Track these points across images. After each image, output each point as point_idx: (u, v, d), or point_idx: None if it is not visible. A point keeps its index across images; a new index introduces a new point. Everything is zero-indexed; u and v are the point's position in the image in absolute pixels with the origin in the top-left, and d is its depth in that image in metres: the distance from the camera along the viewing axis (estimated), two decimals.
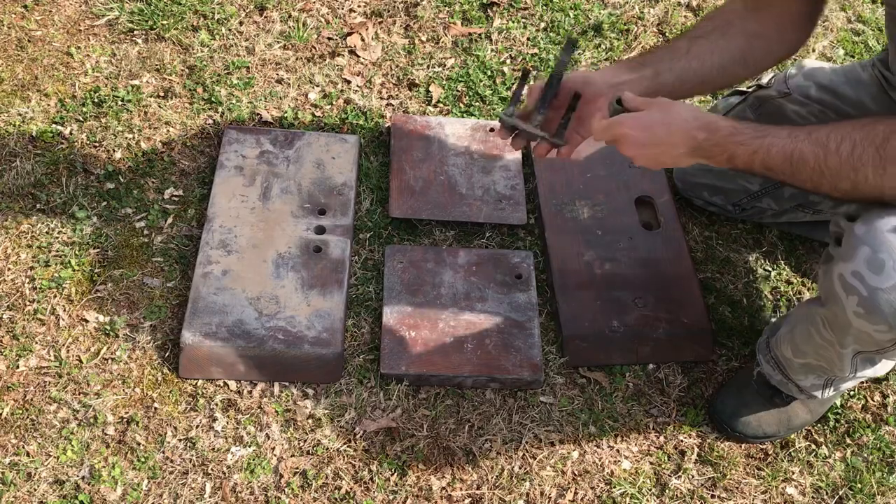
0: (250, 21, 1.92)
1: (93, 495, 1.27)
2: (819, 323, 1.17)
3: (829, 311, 1.12)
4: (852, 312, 1.05)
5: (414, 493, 1.30)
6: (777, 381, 1.34)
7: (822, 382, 1.29)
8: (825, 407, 1.40)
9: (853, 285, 1.03)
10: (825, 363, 1.23)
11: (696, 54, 1.24)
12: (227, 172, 1.59)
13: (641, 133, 1.10)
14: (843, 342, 1.14)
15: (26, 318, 1.43)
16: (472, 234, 1.60)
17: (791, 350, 1.27)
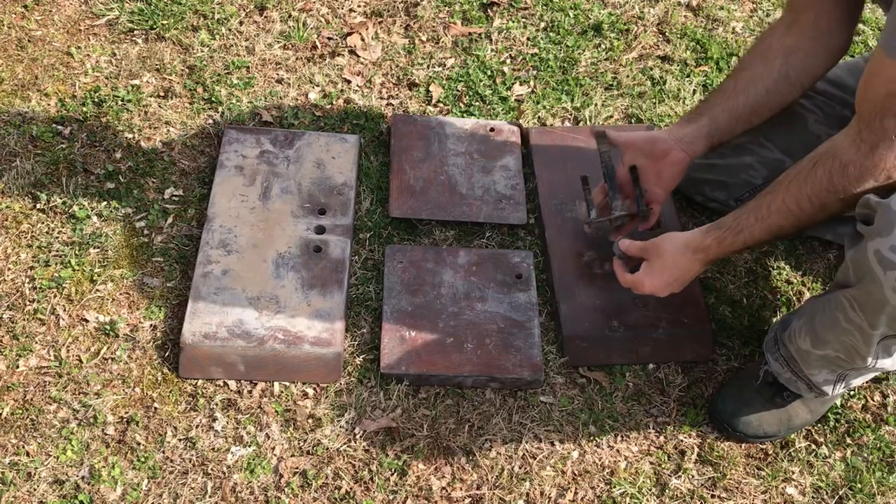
0: (250, 21, 1.92)
1: (93, 495, 1.27)
2: (847, 306, 1.14)
3: (860, 291, 1.10)
4: (891, 289, 1.03)
5: (414, 493, 1.30)
6: (785, 379, 1.34)
7: (834, 378, 1.28)
8: (826, 407, 1.39)
9: (890, 259, 1.02)
10: (845, 353, 1.21)
11: (742, 88, 1.37)
12: (227, 172, 1.59)
13: (661, 279, 1.32)
14: (875, 323, 1.11)
15: (26, 318, 1.43)
16: (472, 234, 1.60)
17: (811, 341, 1.25)
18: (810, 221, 1.18)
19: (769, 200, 1.20)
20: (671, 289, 1.33)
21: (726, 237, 1.24)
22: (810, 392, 1.33)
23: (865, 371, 1.26)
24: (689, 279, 1.32)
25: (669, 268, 1.31)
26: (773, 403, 1.37)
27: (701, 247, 1.27)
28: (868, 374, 1.29)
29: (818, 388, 1.31)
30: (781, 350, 1.33)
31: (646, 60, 1.93)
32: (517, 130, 1.74)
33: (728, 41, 1.97)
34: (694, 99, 1.85)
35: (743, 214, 1.23)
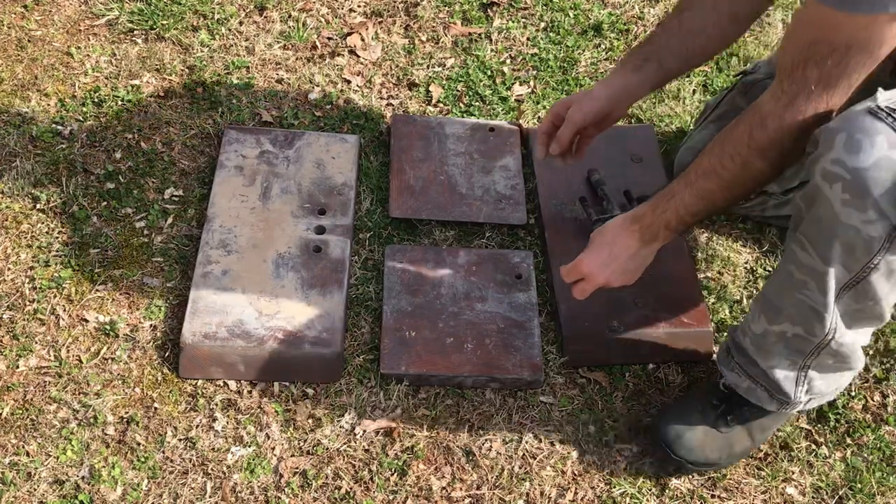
0: (250, 21, 1.92)
1: (93, 495, 1.27)
2: (797, 251, 1.09)
3: (809, 221, 1.05)
4: (840, 202, 0.99)
5: (414, 493, 1.30)
6: (744, 389, 1.28)
7: (795, 372, 1.23)
8: (766, 434, 1.35)
9: (835, 172, 0.98)
10: (802, 320, 1.15)
11: (689, 29, 1.31)
12: (227, 172, 1.59)
13: (598, 257, 1.25)
14: (828, 256, 1.05)
15: (26, 318, 1.43)
16: (472, 234, 1.60)
17: (765, 317, 1.20)
18: (738, 185, 1.13)
19: (697, 163, 1.16)
20: (611, 269, 1.25)
21: (660, 203, 1.19)
22: (771, 400, 1.27)
23: (825, 353, 1.18)
24: (631, 257, 1.24)
25: (608, 243, 1.24)
26: (716, 429, 1.32)
27: (637, 215, 1.22)
28: (831, 372, 1.23)
29: (780, 391, 1.25)
30: (736, 357, 1.28)
31: None
32: (517, 130, 1.74)
33: None
34: (694, 99, 1.85)
35: (676, 181, 1.19)
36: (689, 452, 1.31)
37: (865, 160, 0.96)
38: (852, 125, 0.97)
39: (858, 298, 1.10)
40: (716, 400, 1.33)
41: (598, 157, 1.66)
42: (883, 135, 0.95)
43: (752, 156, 1.10)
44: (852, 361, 1.20)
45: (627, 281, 1.28)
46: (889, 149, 0.95)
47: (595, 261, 1.25)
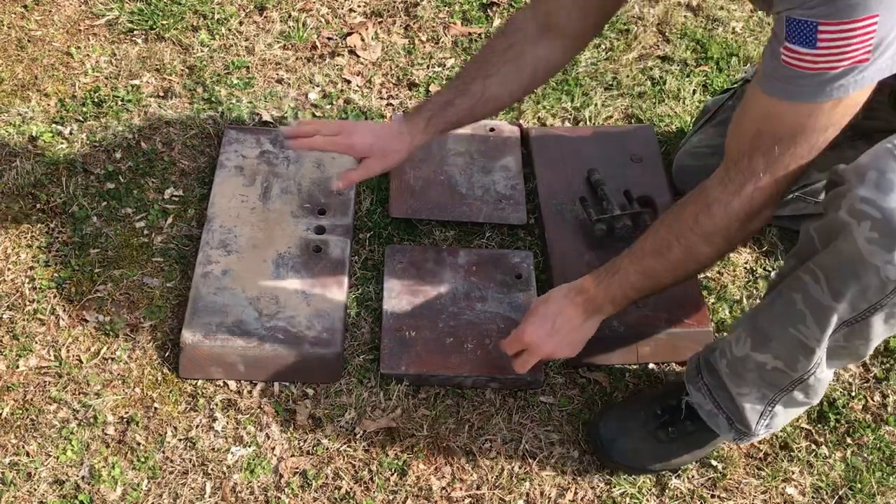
0: (250, 21, 1.92)
1: (93, 495, 1.27)
2: (808, 282, 1.05)
3: (828, 254, 1.01)
4: (864, 240, 0.95)
5: (414, 493, 1.30)
6: (706, 412, 1.27)
7: (763, 406, 1.21)
8: (706, 451, 1.33)
9: (864, 210, 0.95)
10: (788, 355, 1.12)
11: (491, 96, 1.34)
12: (227, 172, 1.59)
13: (542, 328, 1.24)
14: (842, 291, 1.01)
15: (26, 318, 1.43)
16: (472, 234, 1.60)
17: (752, 342, 1.15)
18: (683, 267, 1.14)
19: (643, 241, 1.17)
20: (555, 341, 1.25)
21: (603, 277, 1.21)
22: (730, 430, 1.26)
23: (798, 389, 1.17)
24: (576, 329, 1.25)
25: (551, 314, 1.24)
26: (654, 437, 1.31)
27: (581, 287, 1.23)
28: (795, 407, 1.22)
29: (741, 422, 1.23)
30: (705, 377, 1.26)
31: (646, 60, 1.93)
32: (517, 130, 1.74)
33: (728, 41, 1.97)
34: (694, 99, 1.85)
35: (622, 256, 1.20)
36: (622, 456, 1.31)
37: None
38: (884, 164, 0.96)
39: (851, 337, 1.08)
40: (659, 410, 1.32)
41: (598, 157, 1.66)
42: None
43: (698, 240, 1.11)
44: (816, 396, 1.20)
45: (571, 353, 1.29)
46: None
47: (538, 332, 1.25)
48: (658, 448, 1.31)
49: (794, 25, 0.92)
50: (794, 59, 0.94)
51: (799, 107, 0.98)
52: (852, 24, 0.89)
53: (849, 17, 0.88)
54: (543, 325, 1.25)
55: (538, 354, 1.27)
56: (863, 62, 0.92)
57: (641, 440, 1.31)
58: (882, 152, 0.97)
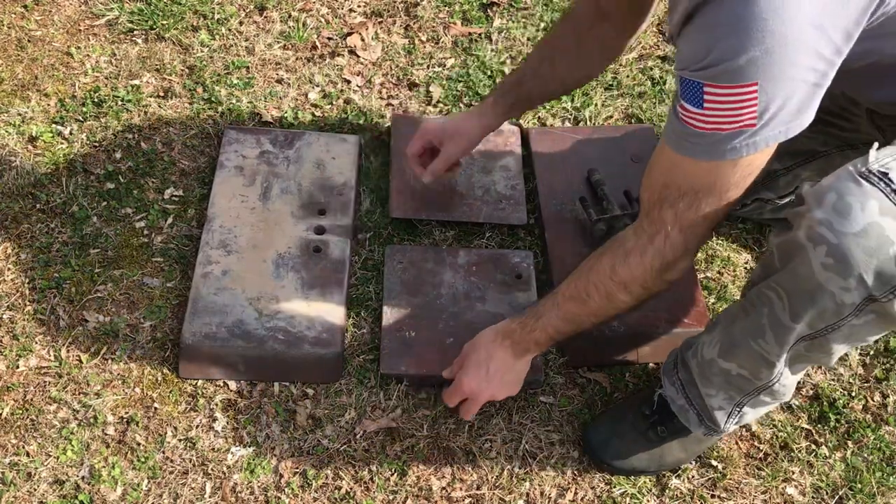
0: (250, 21, 1.92)
1: (93, 495, 1.27)
2: (773, 299, 1.05)
3: (787, 274, 1.02)
4: (819, 265, 0.96)
5: (414, 493, 1.30)
6: (678, 407, 1.28)
7: (730, 407, 1.22)
8: (702, 446, 1.34)
9: (820, 234, 0.94)
10: (751, 365, 1.14)
11: (560, 77, 1.42)
12: (227, 172, 1.59)
13: (477, 376, 1.27)
14: (800, 312, 1.02)
15: (26, 318, 1.43)
16: (472, 234, 1.60)
17: (720, 348, 1.17)
18: (603, 313, 1.17)
19: (565, 287, 1.19)
20: (493, 386, 1.28)
21: (528, 321, 1.23)
22: (700, 426, 1.27)
23: (765, 393, 1.19)
24: (511, 369, 1.27)
25: (483, 360, 1.27)
26: (645, 438, 1.31)
27: (507, 331, 1.26)
28: (763, 406, 1.23)
29: (710, 420, 1.25)
30: (680, 373, 1.27)
31: (646, 60, 1.93)
32: (517, 130, 1.74)
33: None
34: None
35: (545, 300, 1.23)
36: (616, 459, 1.32)
37: (854, 226, 0.93)
38: (843, 186, 0.94)
39: (811, 349, 1.09)
40: (647, 410, 1.33)
41: (598, 157, 1.66)
42: (874, 200, 0.92)
43: (615, 288, 1.13)
44: (785, 397, 1.21)
45: (511, 392, 1.31)
46: (880, 215, 0.92)
47: (475, 380, 1.27)
48: (650, 448, 1.32)
49: (685, 85, 0.94)
50: (688, 118, 0.96)
51: (698, 164, 0.99)
52: (734, 88, 0.90)
53: (729, 82, 0.90)
54: (478, 372, 1.27)
55: (480, 401, 1.30)
56: (750, 126, 0.93)
57: (633, 442, 1.32)
58: (844, 175, 0.96)
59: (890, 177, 0.93)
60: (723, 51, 0.88)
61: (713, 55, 0.89)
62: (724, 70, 0.89)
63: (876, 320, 1.00)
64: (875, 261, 0.93)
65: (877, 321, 1.00)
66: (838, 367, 1.48)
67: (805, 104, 0.93)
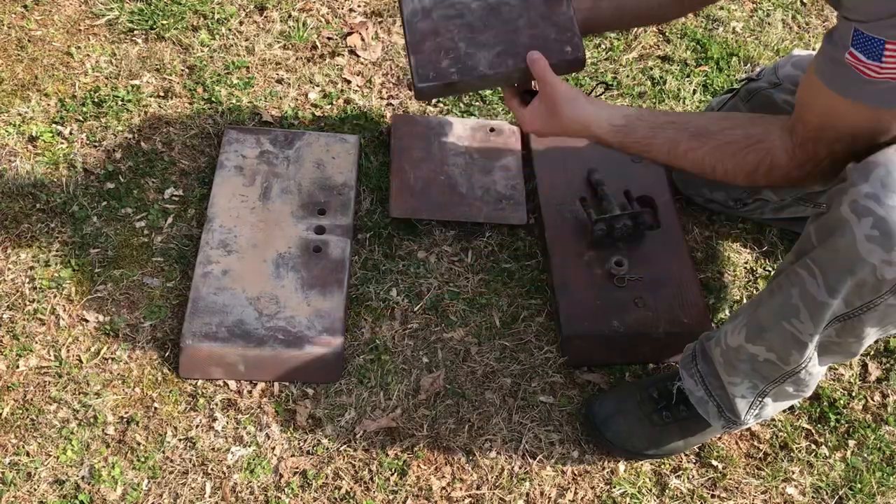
0: (250, 21, 1.92)
1: (93, 495, 1.27)
2: (805, 277, 1.06)
3: (825, 250, 1.02)
4: (864, 237, 0.96)
5: (414, 493, 1.30)
6: (697, 399, 1.28)
7: (753, 396, 1.22)
8: (701, 439, 1.34)
9: (867, 206, 0.96)
10: (781, 348, 1.14)
11: None
12: (227, 172, 1.59)
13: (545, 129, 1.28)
14: (837, 287, 1.02)
15: (26, 318, 1.43)
16: (473, 234, 1.60)
17: (746, 333, 1.17)
18: (706, 177, 1.19)
19: (689, 146, 1.18)
20: (552, 135, 1.31)
21: (627, 143, 1.22)
22: (719, 418, 1.27)
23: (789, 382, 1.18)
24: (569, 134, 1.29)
25: (557, 127, 1.26)
26: (649, 420, 1.32)
27: (597, 135, 1.24)
28: (784, 400, 1.23)
29: (730, 410, 1.25)
30: (700, 364, 1.27)
31: (646, 60, 1.93)
32: (517, 130, 1.74)
33: (728, 41, 1.97)
34: (694, 99, 1.85)
35: (658, 138, 1.20)
36: (615, 436, 1.33)
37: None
38: (892, 162, 0.96)
39: (842, 333, 1.09)
40: (656, 393, 1.33)
41: (598, 157, 1.66)
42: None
43: (746, 181, 1.15)
44: (808, 390, 1.20)
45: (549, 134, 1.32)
46: None
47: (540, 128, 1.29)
48: (652, 431, 1.32)
49: (862, 38, 0.94)
50: (859, 65, 0.95)
51: (860, 110, 0.99)
52: None
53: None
54: (548, 128, 1.27)
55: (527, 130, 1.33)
56: None
57: (637, 421, 1.32)
58: (892, 151, 0.97)
59: None
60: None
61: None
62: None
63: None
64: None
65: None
66: (838, 367, 1.48)
67: None
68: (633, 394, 1.36)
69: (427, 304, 1.50)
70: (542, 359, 1.45)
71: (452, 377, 1.42)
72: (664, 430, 1.32)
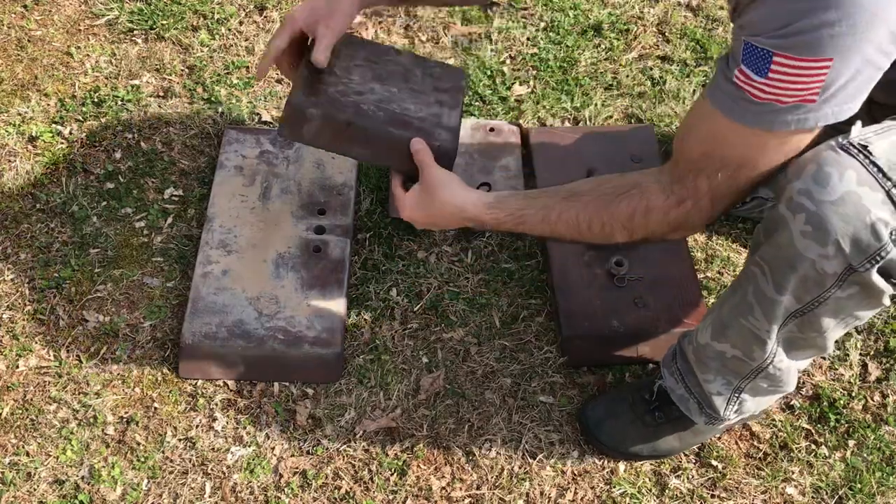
0: (250, 21, 1.92)
1: (93, 495, 1.27)
2: (757, 274, 1.06)
3: (769, 246, 1.03)
4: (799, 233, 0.97)
5: (414, 493, 1.30)
6: (678, 397, 1.28)
7: (729, 392, 1.22)
8: (697, 439, 1.34)
9: (800, 203, 0.96)
10: (743, 344, 1.14)
11: None
12: (227, 172, 1.59)
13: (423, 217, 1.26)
14: (783, 283, 1.03)
15: (26, 318, 1.43)
16: (472, 234, 1.60)
17: (711, 331, 1.18)
18: (588, 240, 1.18)
19: (563, 209, 1.16)
20: (431, 227, 1.29)
21: (506, 222, 1.20)
22: (701, 414, 1.27)
23: (761, 377, 1.18)
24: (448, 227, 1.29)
25: (437, 214, 1.24)
26: (642, 421, 1.32)
27: (476, 219, 1.21)
28: (763, 395, 1.23)
29: (710, 407, 1.25)
30: (678, 363, 1.28)
31: (646, 60, 1.93)
32: (517, 130, 1.74)
33: (728, 41, 1.97)
34: (694, 99, 1.85)
35: (531, 208, 1.18)
36: (610, 438, 1.33)
37: (831, 194, 0.94)
38: (823, 157, 0.96)
39: (803, 328, 1.09)
40: (647, 394, 1.33)
41: (597, 158, 1.66)
42: (853, 170, 0.94)
43: (621, 233, 1.13)
44: (785, 385, 1.20)
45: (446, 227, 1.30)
46: (857, 185, 0.94)
47: (417, 217, 1.26)
48: (645, 432, 1.32)
49: (751, 51, 0.93)
50: (746, 84, 0.95)
51: (747, 134, 0.98)
52: (806, 62, 0.89)
53: (804, 55, 0.89)
54: (426, 217, 1.26)
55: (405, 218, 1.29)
56: (809, 102, 0.92)
57: (630, 423, 1.32)
58: (824, 147, 0.97)
59: (869, 149, 0.95)
60: (806, 21, 0.87)
61: (795, 24, 0.88)
62: (803, 41, 0.88)
63: (861, 293, 1.01)
64: (851, 228, 0.94)
65: (862, 294, 1.01)
66: (838, 367, 1.48)
67: (861, 89, 0.93)
68: (624, 396, 1.36)
69: (427, 304, 1.50)
70: (541, 359, 1.45)
71: (452, 377, 1.42)
72: (658, 431, 1.32)
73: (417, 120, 1.27)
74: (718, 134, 1.01)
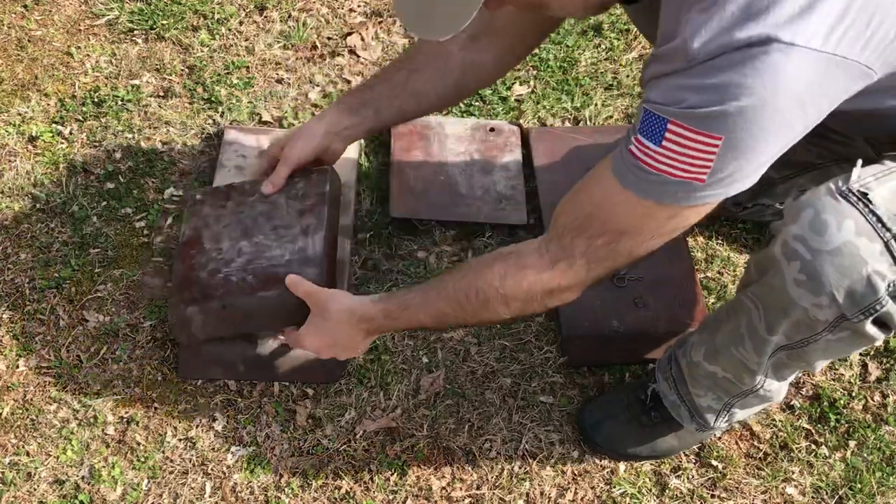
0: (250, 21, 1.92)
1: (93, 495, 1.27)
2: (751, 308, 1.06)
3: (762, 287, 1.02)
4: (792, 280, 0.96)
5: (414, 493, 1.30)
6: (670, 403, 1.29)
7: (719, 406, 1.23)
8: (696, 438, 1.34)
9: (795, 249, 0.95)
10: (734, 370, 1.15)
11: (414, 91, 1.34)
12: (227, 172, 1.59)
13: (321, 341, 1.24)
14: (774, 326, 1.03)
15: (26, 318, 1.43)
16: (473, 234, 1.60)
17: (704, 352, 1.19)
18: (474, 319, 1.14)
19: (441, 285, 1.15)
20: (335, 352, 1.26)
21: (393, 311, 1.18)
22: (692, 422, 1.27)
23: (751, 396, 1.19)
24: (356, 346, 1.25)
25: (332, 331, 1.22)
26: (639, 422, 1.32)
27: (366, 317, 1.20)
28: (753, 407, 1.24)
29: (700, 417, 1.26)
30: (673, 369, 1.27)
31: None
32: (517, 130, 1.74)
33: None
34: None
35: (413, 292, 1.18)
36: (607, 440, 1.33)
37: (828, 243, 0.93)
38: (821, 203, 0.95)
39: (791, 358, 1.10)
40: (643, 395, 1.33)
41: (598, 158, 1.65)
42: (851, 219, 0.93)
43: (497, 299, 1.09)
44: (775, 398, 1.21)
45: (351, 356, 1.29)
46: (856, 235, 0.92)
47: (318, 343, 1.25)
48: (642, 432, 1.32)
49: (648, 118, 0.91)
50: (641, 151, 0.93)
51: (635, 203, 0.96)
52: (698, 134, 0.88)
53: (697, 127, 0.87)
54: (324, 338, 1.24)
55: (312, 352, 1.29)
56: (697, 181, 0.91)
57: (626, 423, 1.33)
58: (823, 191, 0.96)
59: (869, 197, 0.93)
60: (706, 97, 0.86)
61: (691, 100, 0.87)
62: (697, 115, 0.87)
63: (852, 337, 1.00)
64: (847, 280, 0.93)
65: (853, 338, 1.00)
66: (838, 367, 1.48)
67: (758, 169, 0.91)
68: (620, 397, 1.36)
69: None
70: (542, 359, 1.45)
71: (452, 377, 1.42)
72: (654, 430, 1.32)
73: (284, 266, 1.27)
74: (608, 198, 0.99)
